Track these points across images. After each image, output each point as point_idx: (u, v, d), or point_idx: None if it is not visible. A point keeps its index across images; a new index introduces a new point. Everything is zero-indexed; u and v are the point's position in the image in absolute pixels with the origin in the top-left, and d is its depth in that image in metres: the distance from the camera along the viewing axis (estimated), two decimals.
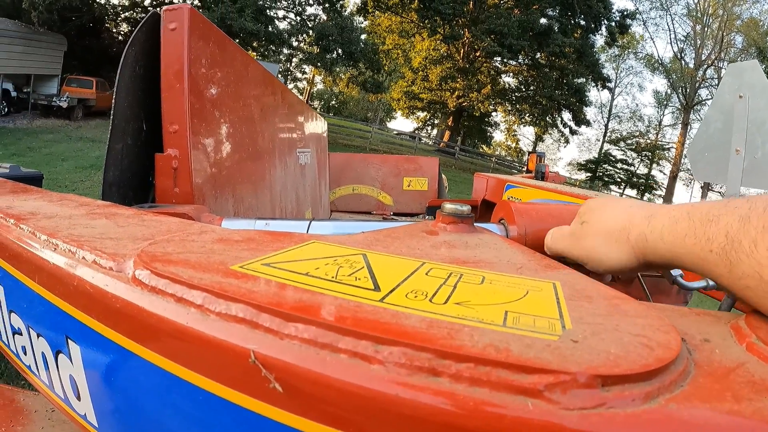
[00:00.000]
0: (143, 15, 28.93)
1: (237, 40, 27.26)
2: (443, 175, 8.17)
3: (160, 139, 0.94)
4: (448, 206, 0.71)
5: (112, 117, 0.89)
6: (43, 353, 0.54)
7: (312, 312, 0.31)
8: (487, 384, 0.27)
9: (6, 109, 17.98)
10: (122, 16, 28.65)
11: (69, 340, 0.48)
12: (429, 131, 48.98)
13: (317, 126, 3.01)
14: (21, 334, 0.58)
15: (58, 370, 0.52)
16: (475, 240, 0.63)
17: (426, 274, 0.43)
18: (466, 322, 0.32)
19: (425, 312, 0.33)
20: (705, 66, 46.88)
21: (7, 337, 0.63)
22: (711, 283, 0.84)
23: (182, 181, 0.91)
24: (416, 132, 44.98)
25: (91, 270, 0.44)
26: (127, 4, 28.19)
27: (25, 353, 0.59)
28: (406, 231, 0.65)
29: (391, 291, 0.37)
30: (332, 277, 0.39)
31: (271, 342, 0.31)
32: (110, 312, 0.41)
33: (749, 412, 0.30)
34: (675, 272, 0.84)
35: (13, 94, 18.69)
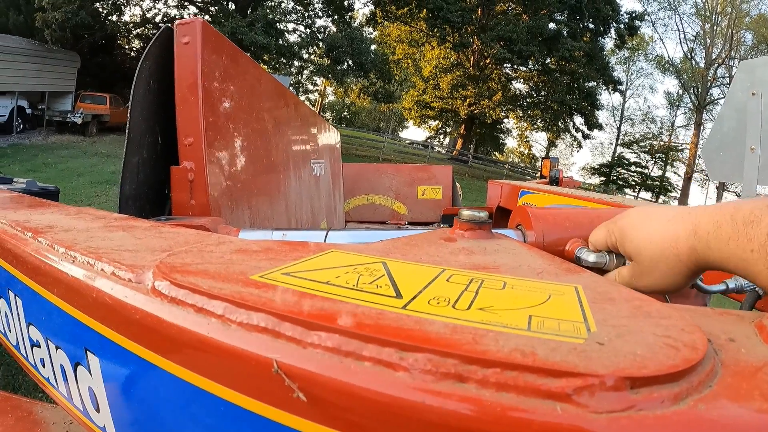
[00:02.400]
0: (155, 31, 29.16)
1: (248, 54, 27.48)
2: (457, 183, 8.16)
3: (176, 152, 0.95)
4: (466, 213, 0.71)
5: (127, 131, 0.90)
6: (62, 365, 0.54)
7: (334, 320, 0.31)
8: (514, 389, 0.26)
9: (21, 126, 18.22)
10: (134, 32, 28.96)
11: (88, 352, 0.48)
12: (441, 140, 48.99)
13: (330, 137, 3.02)
14: (39, 347, 0.58)
15: (77, 383, 0.52)
16: (494, 246, 0.63)
17: (447, 280, 0.42)
18: (491, 327, 0.32)
19: (449, 318, 0.33)
20: (716, 65, 46.64)
21: (25, 349, 0.63)
22: (731, 285, 0.86)
23: (198, 194, 0.91)
24: (429, 141, 45.00)
25: (110, 282, 0.44)
26: (138, 20, 28.48)
27: (43, 365, 0.59)
28: (424, 238, 0.64)
29: (414, 298, 0.37)
30: (353, 285, 0.39)
31: (294, 351, 0.31)
32: (130, 323, 0.41)
33: None
34: None
35: (28, 111, 18.95)
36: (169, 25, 1.00)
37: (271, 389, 0.31)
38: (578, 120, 41.15)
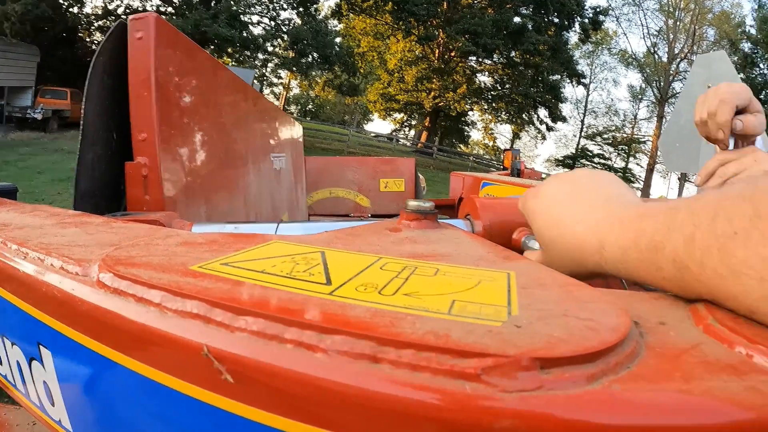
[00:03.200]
0: (118, 23, 28.63)
1: (212, 46, 27.16)
2: (420, 176, 8.16)
3: (131, 147, 0.95)
4: (412, 203, 0.72)
5: (82, 127, 0.90)
6: (18, 362, 0.55)
7: (261, 306, 0.33)
8: (426, 369, 0.28)
9: None
10: (95, 25, 28.41)
11: (41, 347, 0.49)
12: (406, 132, 49.06)
13: (292, 131, 3.02)
14: None
15: (32, 378, 0.53)
16: (438, 235, 0.65)
17: (381, 268, 0.44)
18: (411, 311, 0.33)
19: (372, 303, 0.35)
20: (678, 59, 47.32)
21: None
22: None
23: (153, 189, 0.92)
24: (394, 133, 45.05)
25: (59, 276, 0.46)
26: (100, 12, 27.95)
27: (1, 364, 0.60)
28: (369, 228, 0.66)
29: (342, 284, 0.38)
30: (287, 274, 0.40)
31: (223, 335, 0.32)
32: (77, 315, 0.42)
33: (698, 390, 0.31)
34: None
35: None
36: (123, 19, 1.00)
37: (203, 372, 0.32)
38: (542, 112, 41.61)
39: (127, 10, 28.53)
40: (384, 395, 0.28)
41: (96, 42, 28.06)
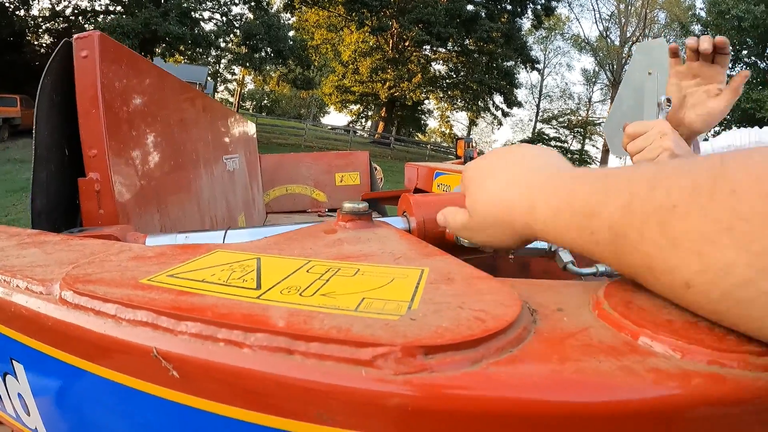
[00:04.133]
0: (65, 25, 28.30)
1: (163, 45, 26.76)
2: (377, 167, 8.17)
3: (83, 162, 0.99)
4: (347, 205, 0.78)
5: (34, 147, 0.94)
6: None
7: (199, 312, 0.39)
8: (330, 358, 0.34)
9: None
10: (44, 27, 27.79)
11: (14, 362, 0.54)
12: (363, 123, 49.04)
13: (245, 130, 3.05)
14: None
15: (7, 391, 0.57)
16: (369, 235, 0.71)
17: (307, 271, 0.50)
18: (323, 309, 0.39)
19: (291, 304, 0.41)
20: (630, 43, 48.04)
21: None
22: (601, 269, 0.88)
23: (106, 203, 0.96)
24: (350, 125, 45.00)
25: (25, 295, 0.51)
26: (48, 14, 27.34)
27: None
28: (306, 232, 0.72)
29: (270, 288, 0.44)
30: (224, 281, 0.46)
31: (168, 339, 0.38)
32: (44, 331, 0.48)
33: (571, 370, 0.35)
34: (566, 258, 0.89)
35: None
36: (68, 39, 1.03)
37: (154, 371, 0.38)
38: (498, 99, 41.89)
39: (75, 11, 27.93)
40: (298, 380, 0.34)
41: (45, 45, 27.43)
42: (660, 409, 0.34)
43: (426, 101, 43.36)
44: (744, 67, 30.22)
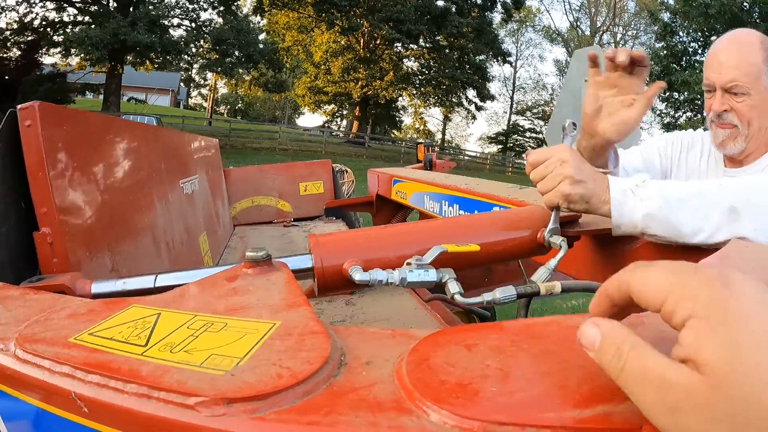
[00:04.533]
0: (34, 37, 28.04)
1: (133, 54, 26.67)
2: (348, 170, 8.25)
3: None
4: (248, 253, 0.90)
5: None
6: None
7: (100, 366, 0.55)
8: (172, 402, 0.50)
9: None
10: (12, 40, 27.57)
11: None
12: (339, 123, 49.14)
13: (203, 149, 3.16)
14: None
15: None
16: (261, 282, 0.85)
17: (187, 327, 0.66)
18: (178, 365, 0.55)
19: (160, 359, 0.57)
20: (601, 32, 48.56)
21: None
22: (487, 298, 0.98)
23: (59, 254, 1.11)
24: (325, 126, 45.03)
25: None
26: (16, 27, 27.12)
27: None
28: (211, 281, 0.87)
29: (153, 345, 0.60)
30: (124, 339, 0.62)
31: (81, 385, 0.54)
32: (6, 377, 0.63)
33: (325, 422, 0.46)
34: (453, 289, 1.01)
35: None
36: (13, 109, 1.15)
37: (74, 406, 0.54)
38: (471, 93, 42.05)
39: (44, 22, 27.71)
40: (154, 416, 0.50)
41: (13, 59, 27.15)
42: None
43: (399, 99, 43.51)
44: None
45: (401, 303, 1.87)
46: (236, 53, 28.75)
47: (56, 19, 28.31)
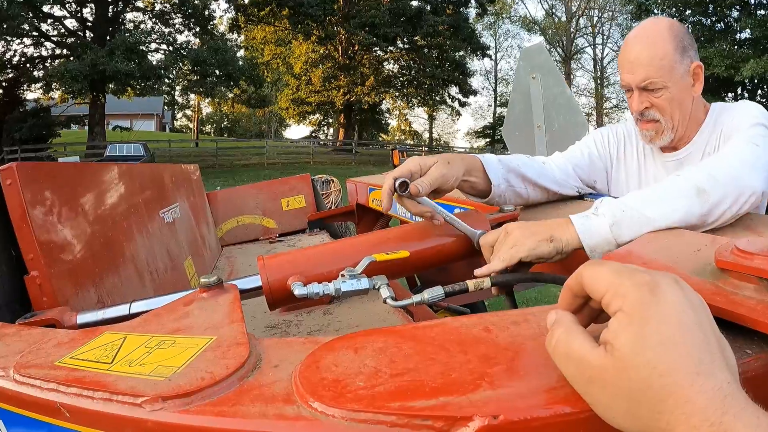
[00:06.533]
0: (15, 73, 28.05)
1: (113, 83, 26.68)
2: (334, 179, 8.34)
3: None
4: (202, 280, 1.06)
5: None
6: None
7: (77, 381, 0.72)
8: (126, 402, 0.66)
9: None
10: None
11: None
12: (326, 132, 49.22)
13: (183, 176, 3.25)
14: None
15: None
16: (210, 304, 1.02)
17: (145, 345, 0.82)
18: (133, 375, 0.71)
19: (120, 372, 0.73)
20: (576, 17, 48.65)
21: None
22: (416, 299, 1.10)
23: (47, 293, 1.26)
24: (312, 136, 45.07)
25: None
26: None
27: None
28: (170, 307, 1.03)
29: (117, 362, 0.77)
30: (96, 359, 0.79)
31: (63, 397, 0.71)
32: (9, 397, 0.79)
33: (226, 411, 0.61)
34: (384, 294, 1.11)
35: None
36: None
37: (59, 413, 0.71)
38: (453, 90, 42.03)
39: (22, 58, 27.75)
40: (115, 414, 0.67)
41: None
42: None
43: (383, 102, 43.54)
44: (690, 26, 30.50)
45: (374, 309, 1.97)
46: (216, 72, 28.76)
47: (35, 55, 28.41)
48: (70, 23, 28.60)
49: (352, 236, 1.53)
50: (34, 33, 27.37)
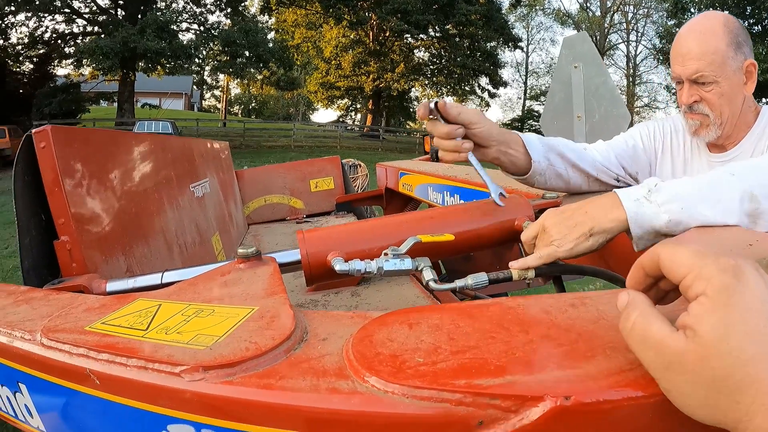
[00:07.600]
0: (45, 50, 28.47)
1: (144, 61, 26.90)
2: (361, 164, 8.30)
3: None
4: (240, 251, 1.03)
5: (16, 218, 1.21)
6: (7, 396, 0.87)
7: (108, 346, 0.68)
8: (163, 372, 0.62)
9: None
10: (24, 54, 27.95)
11: (19, 383, 0.82)
12: (353, 117, 49.21)
13: (213, 152, 3.25)
14: None
15: (17, 403, 0.85)
16: (248, 275, 0.98)
17: (181, 314, 0.78)
18: (170, 343, 0.67)
19: (156, 339, 0.69)
20: (611, 12, 48.09)
21: None
22: (459, 284, 1.05)
23: (77, 259, 1.23)
24: (339, 121, 45.10)
25: (21, 341, 0.79)
26: (27, 41, 27.47)
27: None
28: (207, 276, 1.00)
29: (153, 329, 0.73)
30: (130, 325, 0.75)
31: (94, 362, 0.67)
32: (33, 362, 0.76)
33: (276, 385, 0.57)
34: (427, 276, 1.07)
35: None
36: (29, 133, 1.26)
37: (89, 380, 0.67)
38: (483, 80, 41.81)
39: (54, 35, 28.02)
40: (150, 383, 0.63)
41: (26, 73, 27.48)
42: (325, 414, 0.54)
43: (412, 90, 43.43)
44: None
45: (402, 292, 1.95)
46: (246, 54, 28.85)
47: (66, 31, 28.68)
48: (102, 1, 28.84)
49: (393, 214, 1.47)
50: (66, 10, 27.66)
